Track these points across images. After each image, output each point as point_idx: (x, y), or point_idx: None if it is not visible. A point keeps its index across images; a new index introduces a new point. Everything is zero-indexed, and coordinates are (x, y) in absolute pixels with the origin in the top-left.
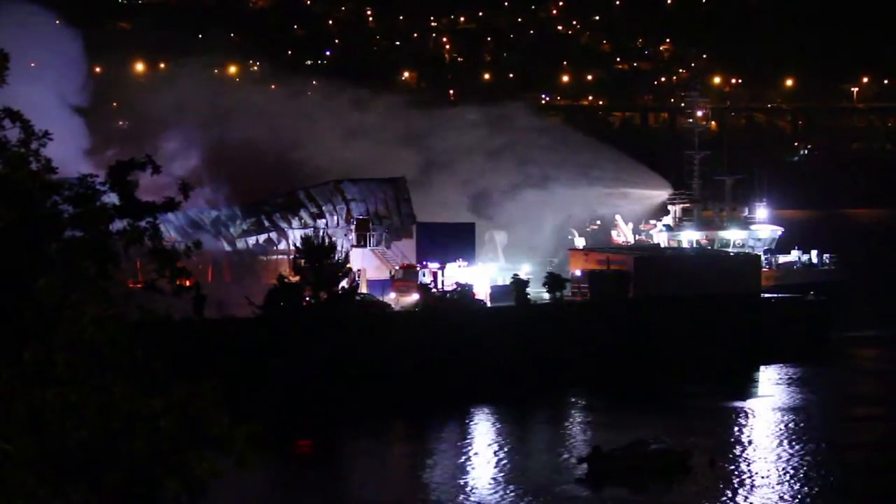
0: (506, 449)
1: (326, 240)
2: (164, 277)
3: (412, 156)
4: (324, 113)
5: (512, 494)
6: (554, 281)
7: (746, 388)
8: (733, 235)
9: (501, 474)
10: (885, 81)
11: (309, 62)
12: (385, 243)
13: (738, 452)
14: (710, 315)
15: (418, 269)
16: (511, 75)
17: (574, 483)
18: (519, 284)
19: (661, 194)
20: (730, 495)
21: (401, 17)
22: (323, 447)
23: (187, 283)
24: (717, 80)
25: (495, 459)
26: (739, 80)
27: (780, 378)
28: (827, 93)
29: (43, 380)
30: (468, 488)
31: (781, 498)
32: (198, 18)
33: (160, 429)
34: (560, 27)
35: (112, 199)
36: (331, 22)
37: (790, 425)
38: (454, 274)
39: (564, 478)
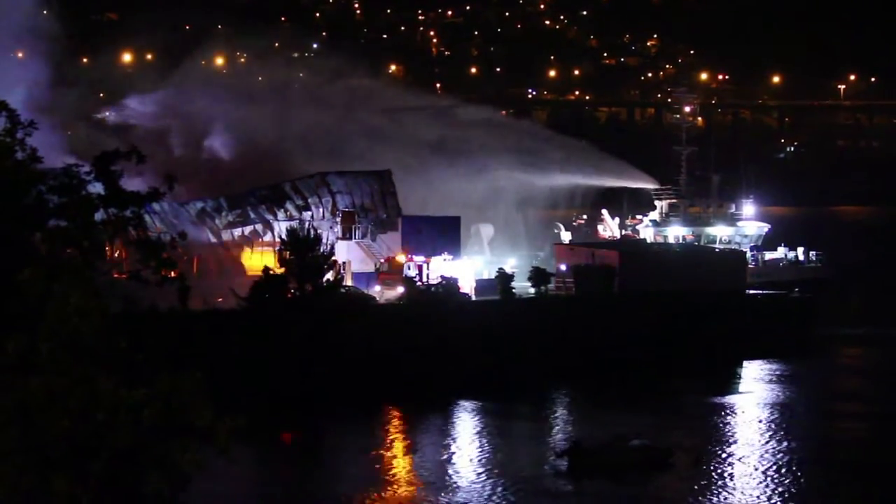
0: (488, 443)
1: (312, 232)
2: (149, 268)
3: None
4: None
5: (492, 488)
6: (539, 275)
7: (730, 384)
8: (720, 232)
9: (482, 468)
10: (872, 79)
11: (296, 54)
12: (370, 236)
13: (721, 449)
14: (695, 311)
15: (403, 262)
16: (498, 69)
17: (554, 477)
18: (504, 278)
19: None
20: (711, 492)
21: (388, 11)
22: (306, 439)
23: (172, 273)
24: (704, 76)
25: (477, 453)
26: (726, 77)
27: (764, 374)
28: (814, 90)
29: (27, 370)
30: (449, 482)
31: (765, 495)
32: (185, 9)
33: (143, 420)
34: (547, 22)
35: (98, 188)
36: (318, 14)
37: (774, 422)
38: (439, 267)
39: (545, 472)
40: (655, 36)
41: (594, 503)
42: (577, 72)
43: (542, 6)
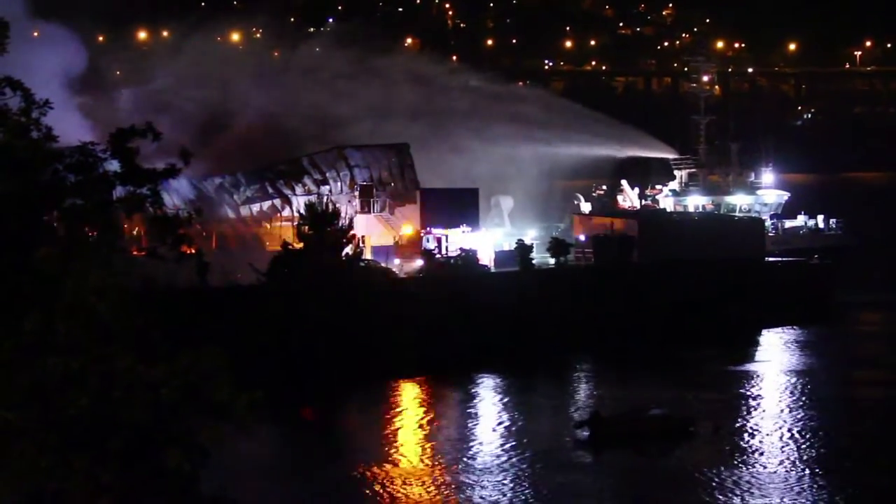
0: (508, 414)
1: (330, 206)
2: (166, 245)
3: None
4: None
5: (512, 459)
6: (558, 246)
7: (751, 352)
8: (739, 200)
9: (502, 439)
10: (888, 45)
11: (311, 29)
12: (389, 209)
13: (742, 417)
14: (714, 279)
15: (422, 234)
16: (514, 41)
17: (574, 448)
18: (523, 249)
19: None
20: (732, 461)
21: None
22: (327, 413)
23: (190, 250)
24: (719, 44)
25: (497, 424)
26: (742, 44)
27: (785, 342)
28: (830, 56)
29: (44, 349)
30: (469, 453)
31: (786, 463)
32: None
33: (161, 397)
34: None
35: (114, 166)
36: None
37: (795, 389)
38: (458, 239)
39: (565, 443)
40: (671, 5)
41: (614, 473)
42: (593, 42)
43: None
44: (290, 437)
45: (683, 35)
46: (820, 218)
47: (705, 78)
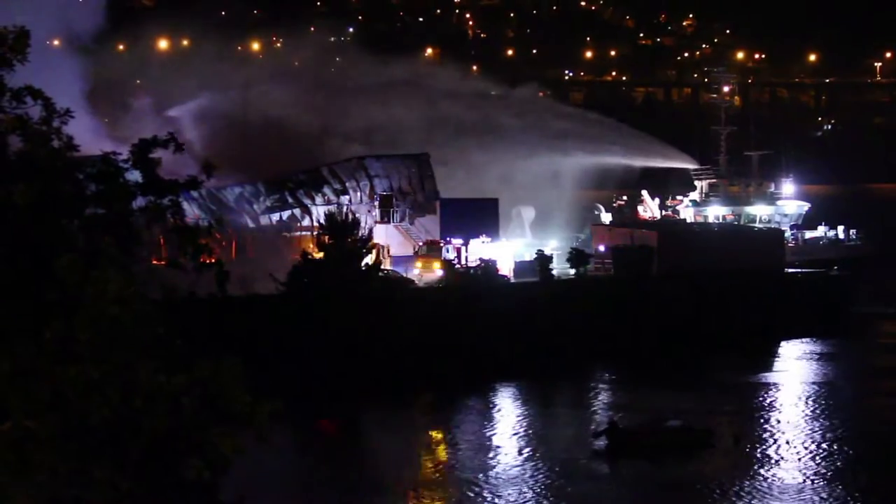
0: (526, 424)
1: (350, 216)
2: (187, 255)
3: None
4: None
5: (530, 469)
6: (577, 256)
7: (770, 363)
8: (760, 211)
9: (520, 448)
10: None
11: (332, 39)
12: (409, 219)
13: (760, 429)
14: (734, 290)
15: (442, 244)
16: (534, 51)
17: (591, 458)
18: (543, 260)
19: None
20: (751, 473)
21: None
22: (346, 425)
23: (210, 259)
24: (740, 55)
25: (514, 434)
26: (762, 55)
27: (804, 353)
28: (850, 67)
29: (65, 357)
30: (486, 462)
31: (806, 476)
32: None
33: (182, 406)
34: (583, 2)
35: (135, 176)
36: None
37: (813, 401)
38: (478, 250)
39: (583, 453)
40: (691, 15)
41: (631, 485)
42: (613, 52)
43: None
44: (306, 448)
45: (704, 46)
46: (840, 229)
47: (726, 88)
